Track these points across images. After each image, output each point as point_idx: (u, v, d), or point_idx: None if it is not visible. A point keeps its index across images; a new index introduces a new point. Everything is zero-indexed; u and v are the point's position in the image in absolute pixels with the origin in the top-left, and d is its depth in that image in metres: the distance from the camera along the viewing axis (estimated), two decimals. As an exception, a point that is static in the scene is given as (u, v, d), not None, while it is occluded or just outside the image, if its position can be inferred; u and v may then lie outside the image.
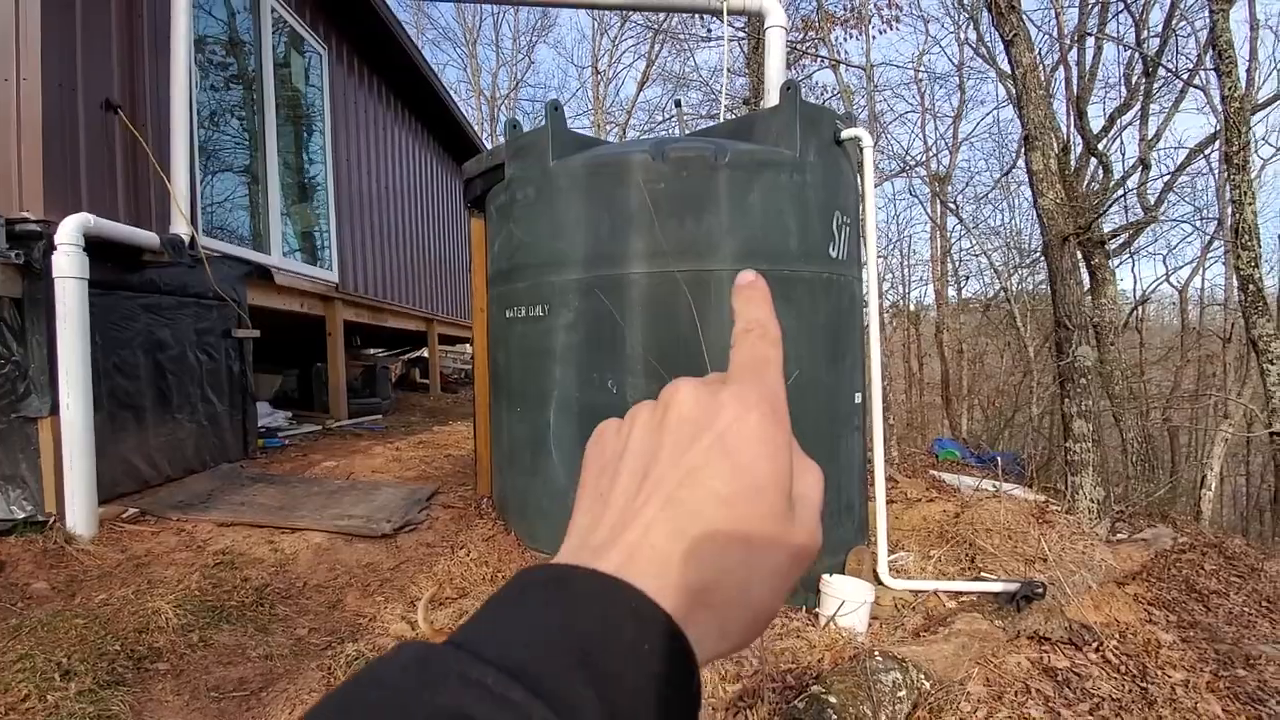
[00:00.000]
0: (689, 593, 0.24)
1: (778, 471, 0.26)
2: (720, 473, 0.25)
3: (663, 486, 0.26)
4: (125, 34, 3.63)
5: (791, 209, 2.78)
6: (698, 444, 0.26)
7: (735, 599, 0.25)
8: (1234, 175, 4.48)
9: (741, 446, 0.26)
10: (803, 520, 0.27)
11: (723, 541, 0.25)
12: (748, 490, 0.25)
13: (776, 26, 3.36)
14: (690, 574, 0.24)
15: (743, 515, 0.25)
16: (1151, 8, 8.14)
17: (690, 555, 0.24)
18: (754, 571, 0.25)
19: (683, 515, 0.25)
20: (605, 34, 18.28)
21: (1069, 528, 3.75)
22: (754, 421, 0.26)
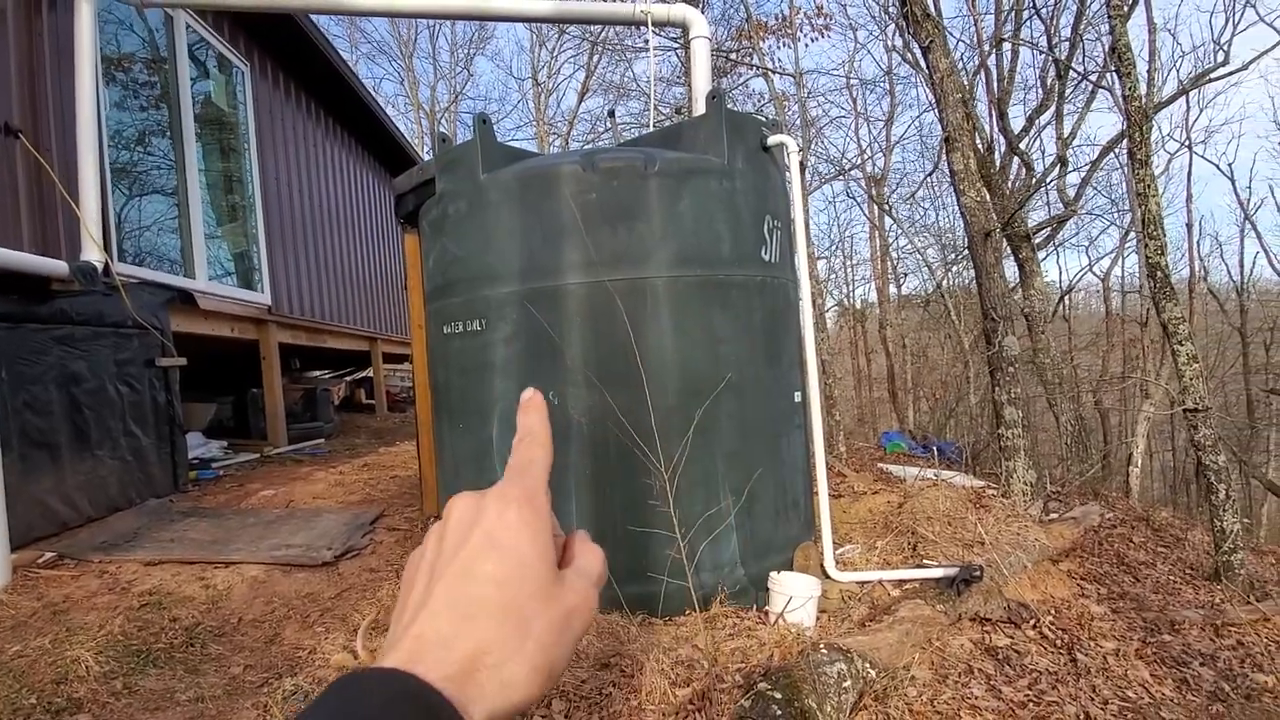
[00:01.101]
0: (469, 659, 0.29)
1: (539, 550, 0.32)
2: (490, 558, 0.31)
3: (445, 580, 0.31)
4: (24, 54, 3.45)
5: (722, 215, 2.82)
6: (470, 540, 0.32)
7: (511, 656, 0.30)
8: (1138, 170, 4.74)
9: (504, 535, 0.32)
10: (575, 587, 0.33)
11: (496, 613, 0.30)
12: (514, 568, 0.31)
13: (701, 37, 3.41)
14: (469, 643, 0.29)
15: (512, 589, 0.31)
16: (1061, 14, 8.60)
17: (469, 628, 0.30)
18: (527, 632, 0.30)
19: (461, 599, 0.31)
20: (544, 46, 18.28)
21: (1004, 511, 3.89)
22: (513, 513, 0.33)
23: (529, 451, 0.37)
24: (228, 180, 5.75)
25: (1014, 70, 8.82)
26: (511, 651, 0.30)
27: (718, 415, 2.75)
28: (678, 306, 2.74)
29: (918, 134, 13.45)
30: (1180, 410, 4.78)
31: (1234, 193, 18.02)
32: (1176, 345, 4.49)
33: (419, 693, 0.27)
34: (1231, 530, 3.91)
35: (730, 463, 2.81)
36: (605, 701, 2.11)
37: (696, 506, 2.69)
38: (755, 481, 2.83)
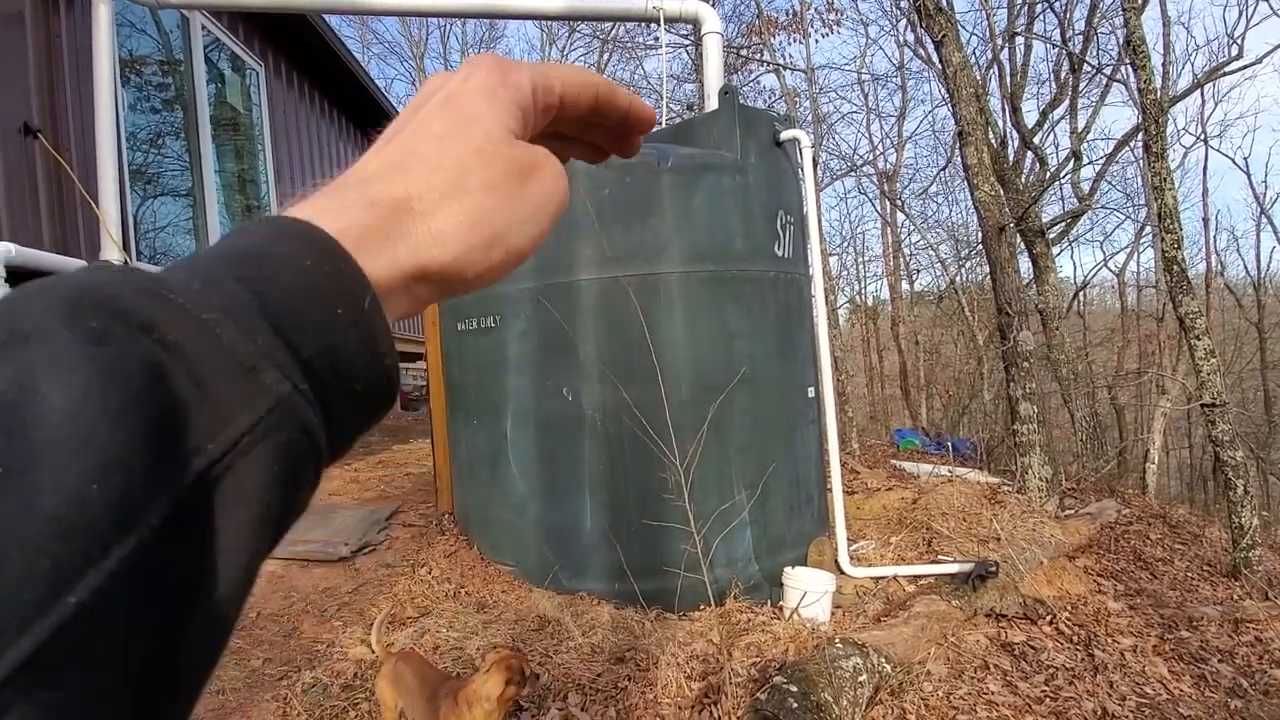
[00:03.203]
0: (395, 201, 0.26)
1: (494, 110, 0.29)
2: (439, 117, 0.29)
3: (395, 139, 0.29)
4: (43, 56, 3.50)
5: (735, 210, 2.82)
6: (430, 102, 0.30)
7: (441, 206, 0.27)
8: (1154, 163, 4.69)
9: (461, 96, 0.30)
10: (537, 149, 0.30)
11: (430, 163, 0.28)
12: (460, 124, 0.29)
13: (713, 33, 3.41)
14: (396, 188, 0.27)
15: (451, 143, 0.28)
16: (1074, 7, 8.52)
17: (398, 174, 0.27)
18: (463, 185, 0.28)
19: (396, 151, 0.28)
20: (554, 44, 18.28)
21: (1020, 507, 3.87)
22: (478, 78, 0.30)
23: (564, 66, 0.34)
24: (242, 180, 5.81)
25: (1027, 64, 8.74)
26: (441, 200, 0.27)
27: (731, 410, 2.75)
28: (691, 301, 2.75)
29: (930, 129, 13.38)
30: (1197, 406, 4.73)
31: (1250, 186, 17.78)
32: (1194, 340, 4.44)
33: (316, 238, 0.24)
34: (1249, 526, 3.87)
35: (744, 457, 2.81)
36: (621, 694, 2.12)
37: (710, 501, 2.69)
38: (769, 476, 2.84)
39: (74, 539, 0.16)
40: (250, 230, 0.24)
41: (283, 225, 0.24)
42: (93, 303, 0.18)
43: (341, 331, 0.23)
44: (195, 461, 0.18)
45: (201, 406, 0.19)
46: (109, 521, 0.16)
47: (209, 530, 0.19)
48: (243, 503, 0.20)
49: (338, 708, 2.04)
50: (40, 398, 0.17)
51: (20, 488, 0.16)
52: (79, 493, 0.16)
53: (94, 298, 0.18)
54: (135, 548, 0.17)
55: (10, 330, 0.18)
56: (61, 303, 0.18)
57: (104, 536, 0.16)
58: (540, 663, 2.31)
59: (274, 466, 0.20)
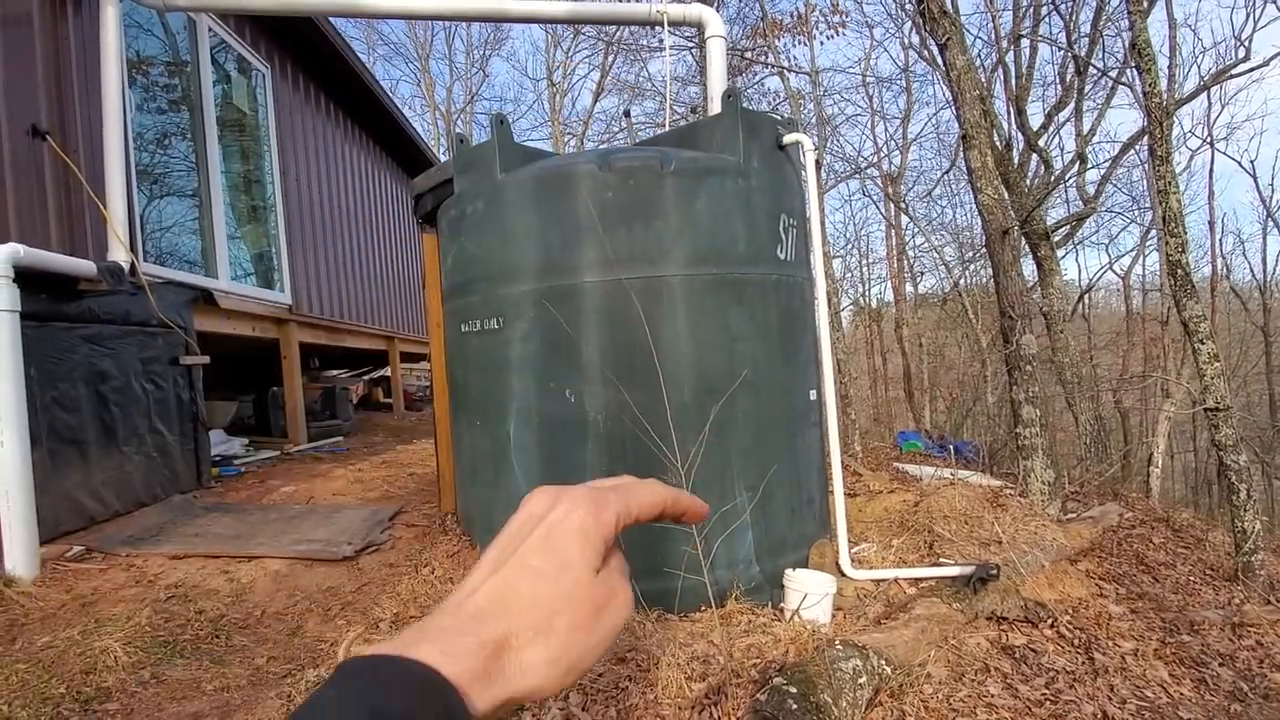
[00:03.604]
0: (498, 639, 0.32)
1: (585, 555, 0.35)
2: (538, 553, 0.35)
3: (501, 570, 0.35)
4: (51, 57, 3.53)
5: (738, 213, 2.83)
6: (532, 535, 0.36)
7: (531, 644, 0.33)
8: (1159, 167, 4.69)
9: (559, 534, 0.35)
10: (608, 582, 0.36)
11: (528, 600, 0.33)
12: (557, 565, 0.34)
13: (716, 36, 3.42)
14: (500, 625, 0.32)
15: (546, 583, 0.34)
16: (1080, 10, 8.50)
17: (503, 611, 0.33)
18: (551, 626, 0.33)
19: (501, 584, 0.34)
20: (559, 46, 18.33)
21: (1022, 510, 3.87)
22: (578, 517, 0.36)
23: (636, 483, 0.41)
24: (248, 181, 5.84)
25: (1033, 67, 8.73)
26: (532, 640, 0.32)
27: (733, 412, 2.76)
28: (694, 304, 2.76)
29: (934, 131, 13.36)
30: (1201, 410, 4.72)
31: (1256, 190, 17.70)
32: (1198, 344, 4.44)
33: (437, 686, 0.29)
34: (1252, 530, 3.86)
35: (745, 460, 2.82)
36: (622, 695, 2.13)
37: (711, 503, 2.69)
38: (770, 479, 2.84)
39: None
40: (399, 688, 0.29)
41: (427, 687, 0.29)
42: None
43: None
44: None
45: None
46: None
47: None
48: None
49: (340, 706, 2.06)
50: None
51: None
52: None
53: None
54: None
55: None
56: None
57: None
58: (541, 663, 2.32)
59: None
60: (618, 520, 0.37)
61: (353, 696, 0.28)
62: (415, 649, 0.30)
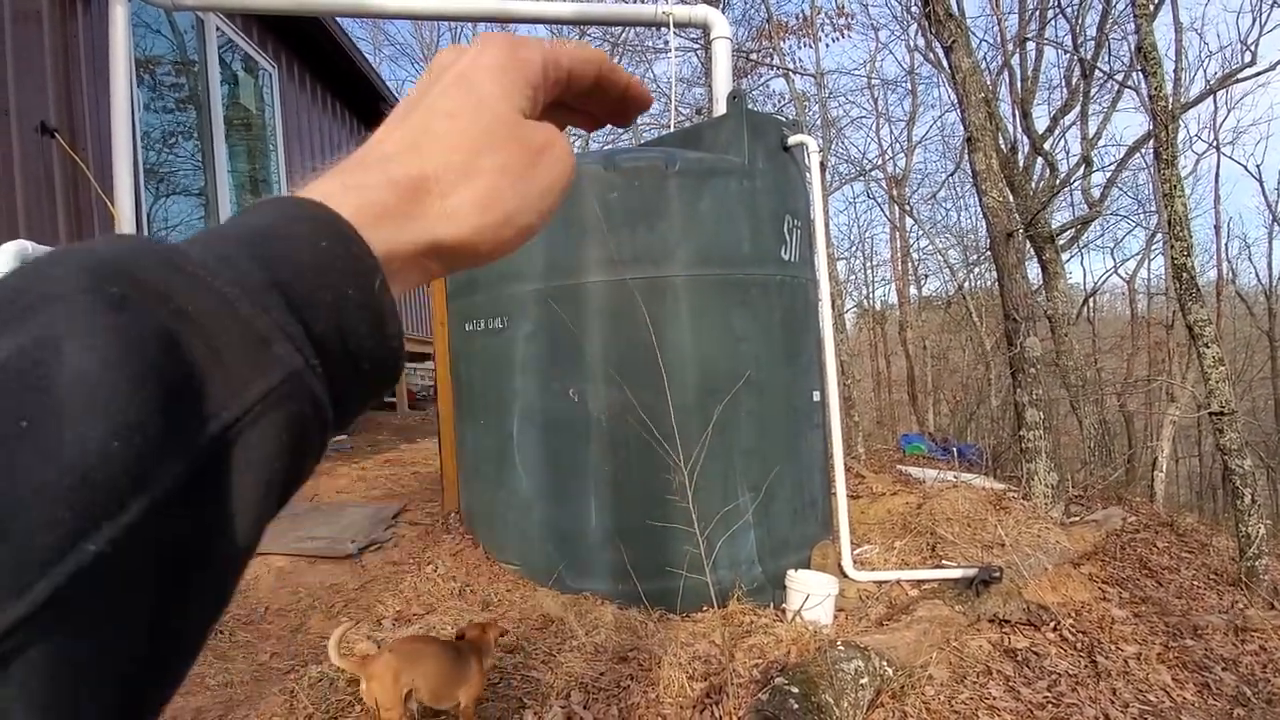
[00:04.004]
0: (413, 181, 0.28)
1: (502, 88, 0.30)
2: (452, 94, 0.30)
3: (410, 115, 0.30)
4: (60, 56, 3.55)
5: (742, 214, 2.84)
6: (442, 79, 0.31)
7: (455, 187, 0.28)
8: (1165, 170, 4.68)
9: (472, 74, 0.31)
10: (545, 129, 0.31)
11: (445, 143, 0.29)
12: (472, 103, 0.30)
13: (721, 38, 3.43)
14: (412, 168, 0.28)
15: (463, 122, 0.29)
16: (1086, 13, 8.49)
17: (413, 155, 0.28)
18: (476, 167, 0.29)
19: (412, 129, 0.30)
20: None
21: (1025, 513, 3.87)
22: (490, 56, 0.31)
23: (569, 42, 0.35)
24: (254, 180, 5.87)
25: (1038, 70, 8.72)
26: (455, 182, 0.28)
27: (736, 412, 2.76)
28: (697, 304, 2.77)
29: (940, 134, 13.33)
30: (1206, 414, 4.71)
31: (1262, 194, 17.62)
32: (1202, 348, 4.43)
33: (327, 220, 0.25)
34: (1256, 535, 3.85)
35: (748, 460, 2.83)
36: (623, 694, 2.14)
37: (714, 503, 2.71)
38: (773, 479, 2.85)
39: (94, 491, 0.17)
40: (264, 209, 0.25)
41: (298, 206, 0.25)
42: (113, 271, 0.19)
43: (351, 312, 0.24)
44: (210, 426, 0.19)
45: (215, 374, 0.20)
46: (128, 478, 0.17)
47: (221, 492, 0.20)
48: (252, 467, 0.21)
49: (344, 701, 2.07)
50: (63, 359, 0.17)
51: (43, 441, 0.16)
52: (100, 449, 0.17)
53: (114, 266, 0.19)
54: (152, 504, 0.18)
55: (36, 293, 0.18)
56: (83, 269, 0.19)
57: (122, 491, 0.17)
58: (544, 661, 2.33)
59: (283, 435, 0.21)
60: (543, 64, 0.32)
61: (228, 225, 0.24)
62: (309, 188, 0.26)
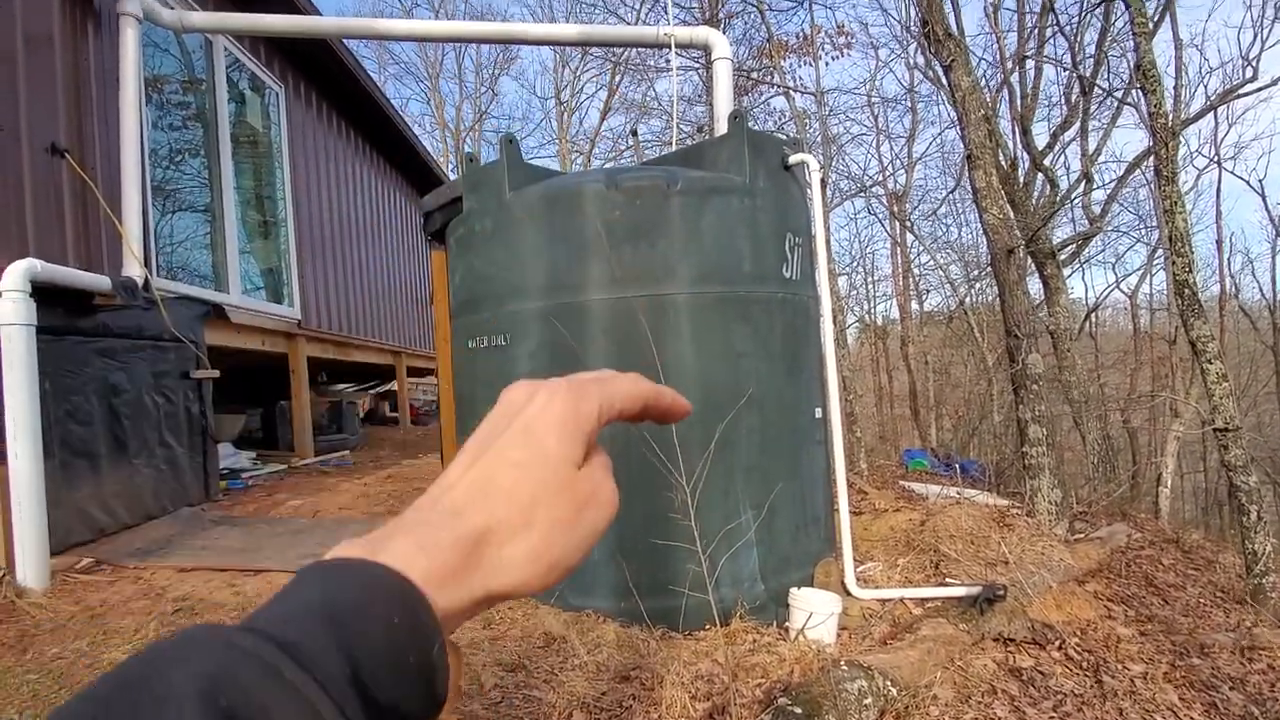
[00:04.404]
0: (478, 533, 0.31)
1: (564, 446, 0.34)
2: (517, 445, 0.33)
3: (480, 461, 0.34)
4: (71, 77, 3.61)
5: (744, 232, 2.86)
6: (511, 426, 0.34)
7: (511, 539, 0.31)
8: (1165, 187, 4.71)
9: (538, 425, 0.34)
10: (591, 478, 0.35)
11: (507, 493, 0.32)
12: (535, 456, 0.33)
13: (723, 59, 3.48)
14: (479, 518, 0.31)
15: (526, 475, 0.33)
16: (1085, 30, 8.57)
17: (482, 503, 0.32)
18: (532, 519, 0.32)
19: (480, 477, 0.33)
20: (566, 66, 18.55)
21: (1029, 530, 3.85)
22: (557, 407, 0.34)
23: (617, 375, 0.39)
24: (260, 197, 5.92)
25: (1038, 87, 8.79)
26: (512, 535, 0.31)
27: (738, 429, 2.77)
28: (699, 322, 2.78)
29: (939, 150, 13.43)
30: (1210, 430, 4.69)
31: (1265, 209, 17.69)
32: (1205, 364, 4.42)
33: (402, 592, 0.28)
34: (1263, 553, 3.83)
35: (750, 477, 2.83)
36: (625, 714, 2.13)
37: (716, 521, 2.70)
38: (775, 496, 2.84)
39: None
40: (349, 577, 0.28)
41: (378, 578, 0.28)
42: (221, 686, 0.22)
43: (409, 680, 0.27)
44: None
45: None
46: None
47: None
48: None
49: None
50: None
51: None
52: None
53: (224, 681, 0.22)
54: None
55: (152, 694, 0.21)
56: (198, 678, 0.22)
57: None
58: (546, 680, 2.32)
59: None
60: (599, 413, 0.35)
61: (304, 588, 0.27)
62: (386, 546, 0.29)
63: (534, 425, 0.34)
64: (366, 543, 0.30)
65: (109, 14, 3.82)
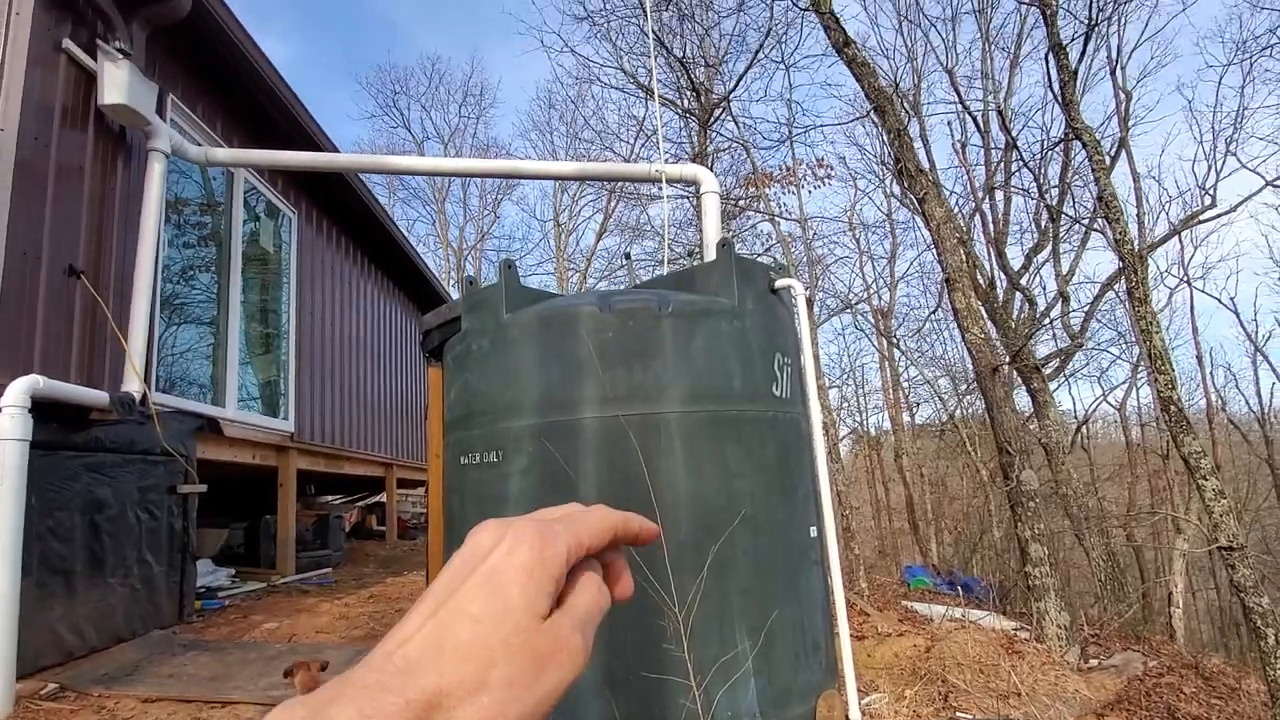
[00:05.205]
0: (431, 695, 0.29)
1: (525, 596, 0.32)
2: (478, 597, 0.32)
3: (435, 606, 0.32)
4: (97, 203, 3.82)
5: (733, 353, 2.95)
6: (473, 574, 0.33)
7: (466, 700, 0.29)
8: (1138, 308, 4.90)
9: (503, 575, 0.32)
10: (554, 632, 0.33)
11: (463, 653, 0.30)
12: (495, 611, 0.31)
13: (710, 192, 3.74)
14: (428, 681, 0.29)
15: (484, 631, 0.31)
16: (1048, 165, 9.23)
17: (430, 666, 0.30)
18: (485, 681, 0.30)
19: (436, 632, 0.31)
20: (565, 191, 19.66)
21: (1039, 657, 3.69)
22: (521, 555, 0.33)
23: (584, 511, 0.38)
24: (264, 311, 6.09)
25: (1008, 214, 9.35)
26: (465, 697, 0.29)
27: (733, 551, 2.72)
28: (691, 441, 2.80)
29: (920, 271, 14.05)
30: (1215, 548, 4.61)
31: (1240, 325, 18.27)
32: (1201, 480, 4.42)
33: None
34: (1285, 682, 3.66)
35: (746, 601, 2.74)
36: None
37: (712, 648, 2.60)
38: (773, 622, 2.75)
39: None
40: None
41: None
42: None
43: None
44: None
45: None
46: None
47: None
48: None
49: None
50: None
51: None
52: None
53: None
54: None
55: None
56: None
57: None
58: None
59: None
60: (568, 554, 0.34)
61: None
62: (327, 713, 0.28)
63: (498, 574, 0.32)
64: (308, 711, 0.28)
65: (139, 149, 4.11)
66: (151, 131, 3.99)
